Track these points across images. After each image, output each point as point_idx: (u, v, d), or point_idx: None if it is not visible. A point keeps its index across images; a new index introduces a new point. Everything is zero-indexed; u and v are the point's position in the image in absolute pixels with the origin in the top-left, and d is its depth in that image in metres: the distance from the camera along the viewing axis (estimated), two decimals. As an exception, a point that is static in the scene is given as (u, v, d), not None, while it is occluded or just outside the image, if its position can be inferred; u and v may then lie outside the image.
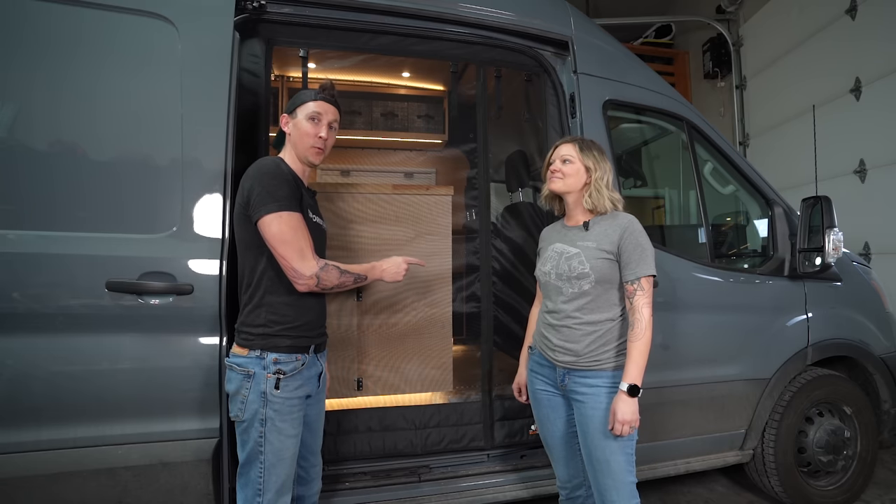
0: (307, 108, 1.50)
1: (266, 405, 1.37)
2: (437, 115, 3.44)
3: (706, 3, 5.76)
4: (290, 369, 1.40)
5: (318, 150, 1.51)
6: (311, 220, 1.49)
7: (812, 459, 2.35)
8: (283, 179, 1.40)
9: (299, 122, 1.49)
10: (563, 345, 1.55)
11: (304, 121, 1.48)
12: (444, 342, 2.25)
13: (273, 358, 1.39)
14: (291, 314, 1.43)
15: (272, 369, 1.38)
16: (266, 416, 1.37)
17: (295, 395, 1.42)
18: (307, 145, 1.49)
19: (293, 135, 1.51)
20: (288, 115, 1.53)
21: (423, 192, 2.28)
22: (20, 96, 1.52)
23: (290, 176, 1.43)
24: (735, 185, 2.52)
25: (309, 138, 1.48)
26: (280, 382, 1.38)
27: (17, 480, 1.44)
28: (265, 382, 1.37)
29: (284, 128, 1.53)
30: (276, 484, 1.39)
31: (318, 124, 1.49)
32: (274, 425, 1.37)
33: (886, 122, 3.69)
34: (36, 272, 1.46)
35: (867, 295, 2.62)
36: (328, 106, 1.52)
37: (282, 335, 1.40)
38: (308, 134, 1.48)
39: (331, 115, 1.53)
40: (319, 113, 1.50)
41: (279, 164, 1.44)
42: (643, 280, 1.48)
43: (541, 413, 1.69)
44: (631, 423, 1.41)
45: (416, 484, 1.98)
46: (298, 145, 1.50)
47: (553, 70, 2.17)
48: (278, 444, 1.38)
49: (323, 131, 1.50)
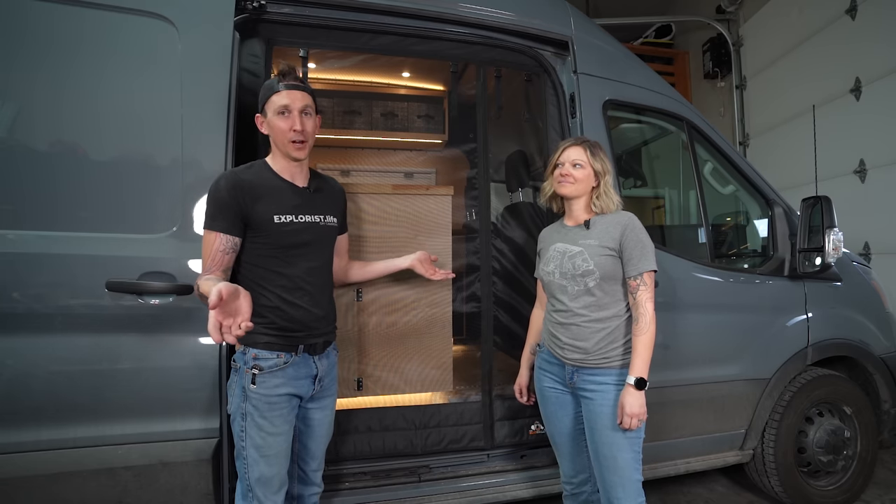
0: (273, 102, 1.43)
1: (246, 400, 1.39)
2: (437, 115, 3.44)
3: (706, 3, 5.76)
4: (268, 366, 1.40)
5: (299, 144, 1.43)
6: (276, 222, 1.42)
7: (812, 459, 2.34)
8: (211, 198, 1.40)
9: (271, 120, 1.44)
10: (573, 342, 1.56)
11: (275, 117, 1.42)
12: (444, 342, 2.25)
13: (253, 353, 1.40)
14: (272, 315, 1.43)
15: (250, 364, 1.39)
16: (246, 410, 1.39)
17: (274, 392, 1.40)
18: (286, 141, 1.43)
19: (271, 134, 1.46)
20: (260, 114, 1.49)
21: (423, 192, 2.28)
22: (21, 96, 1.52)
23: (222, 192, 1.38)
24: (735, 185, 2.52)
25: (284, 134, 1.42)
26: (256, 378, 1.38)
27: (17, 480, 1.44)
28: (245, 377, 1.39)
29: (261, 129, 1.50)
30: (260, 479, 1.40)
31: (289, 117, 1.41)
32: (253, 420, 1.38)
33: (886, 122, 3.69)
34: (36, 272, 1.46)
35: (867, 295, 2.62)
36: (295, 93, 1.42)
37: (261, 332, 1.40)
38: (282, 130, 1.41)
39: (300, 101, 1.42)
40: (287, 104, 1.41)
41: (217, 181, 1.41)
42: (645, 275, 1.52)
43: (548, 410, 1.70)
44: (639, 416, 1.44)
45: (416, 484, 1.98)
46: (279, 144, 1.45)
47: (553, 70, 2.17)
48: (259, 440, 1.39)
49: (297, 123, 1.41)
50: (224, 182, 1.40)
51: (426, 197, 2.26)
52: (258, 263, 1.43)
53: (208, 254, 1.38)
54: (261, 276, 1.43)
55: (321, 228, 1.52)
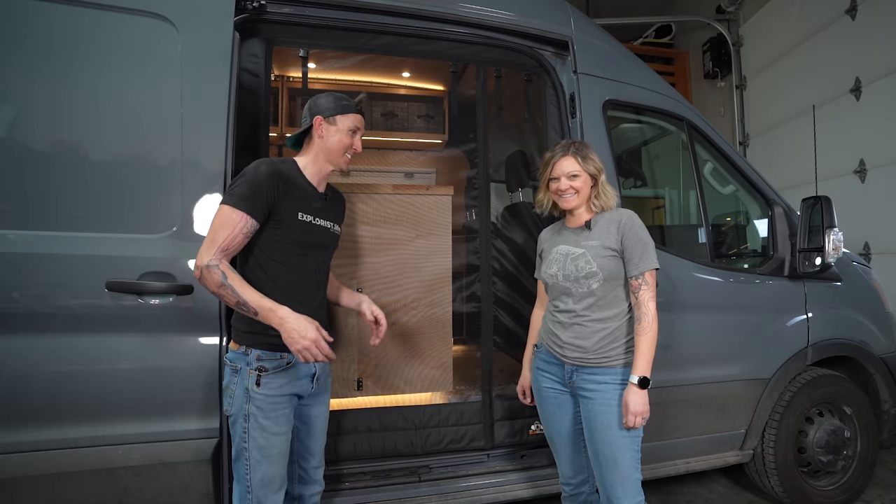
0: (350, 120, 1.52)
1: (249, 401, 1.38)
2: (437, 115, 3.44)
3: (706, 3, 5.76)
4: (272, 367, 1.40)
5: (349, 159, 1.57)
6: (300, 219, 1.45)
7: (812, 459, 2.34)
8: (250, 179, 1.37)
9: (340, 130, 1.51)
10: (573, 341, 1.56)
11: (346, 132, 1.52)
12: (444, 342, 2.25)
13: (256, 355, 1.39)
14: None
15: (254, 366, 1.39)
16: (249, 412, 1.38)
17: (278, 392, 1.41)
18: (343, 154, 1.53)
19: (328, 140, 1.51)
20: (324, 119, 1.50)
21: (423, 192, 2.28)
22: (21, 96, 1.52)
23: (263, 176, 1.38)
24: (735, 185, 2.52)
25: (347, 150, 1.54)
26: (261, 379, 1.38)
27: (17, 480, 1.44)
28: (248, 378, 1.39)
29: (317, 130, 1.50)
30: (263, 480, 1.39)
31: (356, 137, 1.55)
32: (257, 422, 1.38)
33: (886, 122, 3.69)
34: (36, 272, 1.46)
35: (867, 295, 2.62)
36: (362, 119, 1.58)
37: (265, 332, 1.39)
38: (347, 146, 1.53)
39: (363, 126, 1.59)
40: (359, 127, 1.55)
41: (259, 165, 1.41)
42: (647, 274, 1.52)
43: (546, 410, 1.70)
44: (643, 415, 1.45)
45: (416, 484, 1.98)
46: (332, 153, 1.52)
47: (553, 70, 2.17)
48: (262, 440, 1.39)
49: (359, 145, 1.56)
50: (266, 168, 1.40)
51: (426, 197, 2.26)
52: (274, 257, 1.43)
53: (229, 233, 1.33)
54: (275, 270, 1.43)
55: (331, 234, 1.59)
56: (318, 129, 1.50)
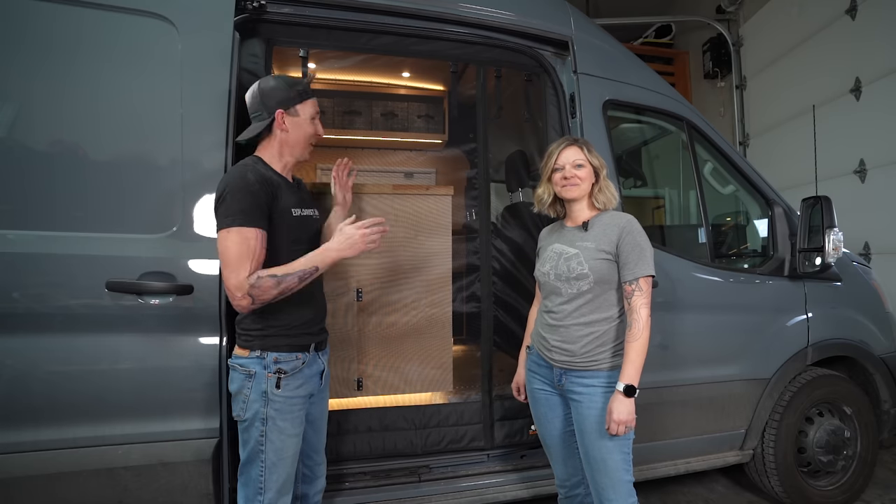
0: (309, 106, 1.48)
1: (267, 404, 1.37)
2: (437, 115, 3.44)
3: (706, 3, 5.76)
4: (290, 368, 1.40)
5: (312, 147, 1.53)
6: (294, 215, 1.44)
7: (812, 459, 2.34)
8: (244, 192, 1.32)
9: (302, 121, 1.47)
10: (560, 345, 1.55)
11: (308, 122, 1.48)
12: (444, 342, 2.25)
13: (273, 357, 1.39)
14: (287, 314, 1.42)
15: (273, 368, 1.38)
16: (267, 415, 1.37)
17: (296, 393, 1.42)
18: (308, 144, 1.50)
19: (292, 134, 1.47)
20: (285, 111, 1.45)
21: (423, 192, 2.28)
22: (21, 96, 1.52)
23: (255, 185, 1.33)
24: (735, 185, 2.52)
25: (311, 138, 1.50)
26: (281, 381, 1.38)
27: (17, 480, 1.44)
28: (266, 382, 1.37)
29: (280, 126, 1.46)
30: (277, 483, 1.39)
31: (318, 122, 1.51)
32: (275, 424, 1.38)
33: (886, 122, 3.69)
34: (36, 272, 1.46)
35: (867, 295, 2.61)
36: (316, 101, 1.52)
37: (280, 335, 1.40)
38: (312, 135, 1.50)
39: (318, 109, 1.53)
40: (318, 111, 1.51)
41: (244, 174, 1.35)
42: (641, 280, 1.48)
43: (538, 412, 1.69)
44: (627, 423, 1.41)
45: (416, 484, 1.98)
46: (297, 145, 1.48)
47: (553, 70, 2.17)
48: (279, 443, 1.38)
49: (321, 129, 1.51)
50: (253, 176, 1.35)
51: (426, 197, 2.26)
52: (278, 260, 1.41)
53: (250, 253, 1.29)
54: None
55: (315, 221, 1.58)
56: (282, 124, 1.46)
